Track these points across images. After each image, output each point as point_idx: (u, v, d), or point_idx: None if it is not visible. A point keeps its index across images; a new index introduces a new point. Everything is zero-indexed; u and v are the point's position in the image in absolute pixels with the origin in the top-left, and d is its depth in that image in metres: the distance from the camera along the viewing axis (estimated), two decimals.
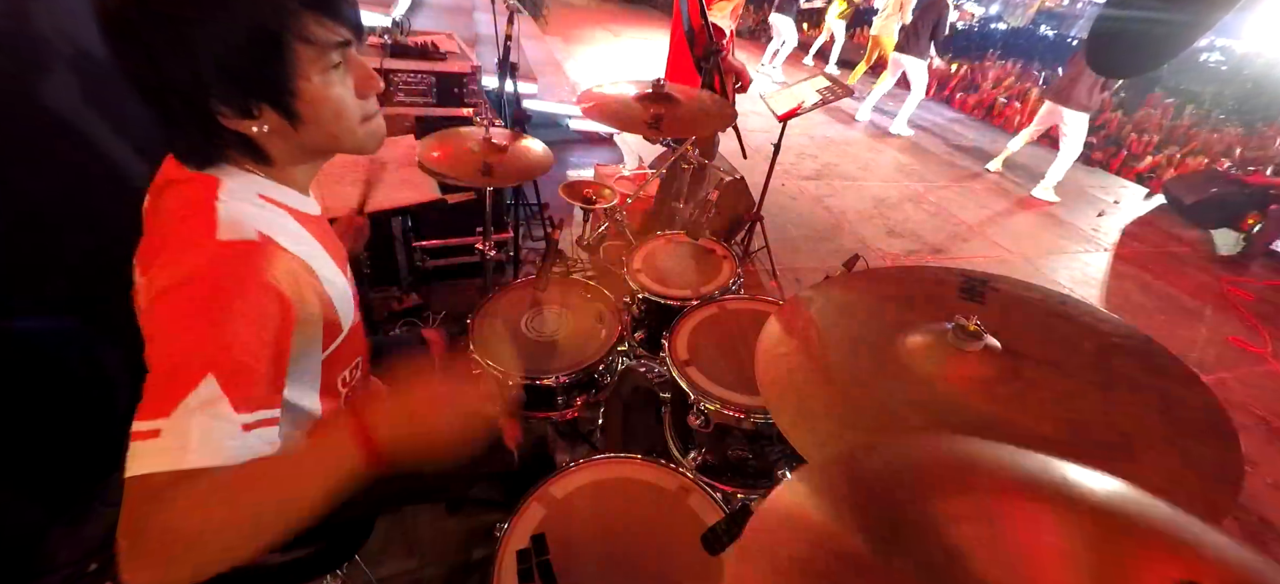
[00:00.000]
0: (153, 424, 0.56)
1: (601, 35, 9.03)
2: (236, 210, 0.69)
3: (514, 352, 1.41)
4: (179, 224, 0.68)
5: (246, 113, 0.68)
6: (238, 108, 0.67)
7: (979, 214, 4.66)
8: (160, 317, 0.62)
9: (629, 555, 0.97)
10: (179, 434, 0.56)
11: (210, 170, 0.72)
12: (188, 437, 0.56)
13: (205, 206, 0.67)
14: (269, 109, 0.69)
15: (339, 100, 0.72)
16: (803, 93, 2.47)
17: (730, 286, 1.67)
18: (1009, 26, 10.01)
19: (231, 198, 0.70)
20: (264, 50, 0.65)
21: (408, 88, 2.52)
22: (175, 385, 0.57)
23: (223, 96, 0.66)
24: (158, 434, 0.56)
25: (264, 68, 0.66)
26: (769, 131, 2.69)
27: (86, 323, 1.51)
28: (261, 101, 0.68)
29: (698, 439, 1.34)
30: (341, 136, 0.75)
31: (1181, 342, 3.33)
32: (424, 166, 1.67)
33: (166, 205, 0.72)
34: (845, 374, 0.80)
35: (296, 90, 0.69)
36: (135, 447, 0.56)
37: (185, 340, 0.60)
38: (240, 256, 0.65)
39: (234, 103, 0.67)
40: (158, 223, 0.73)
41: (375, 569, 1.49)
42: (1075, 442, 0.67)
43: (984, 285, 0.92)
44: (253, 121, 0.69)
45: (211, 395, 0.58)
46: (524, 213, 2.85)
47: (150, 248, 0.72)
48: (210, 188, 0.69)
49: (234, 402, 0.59)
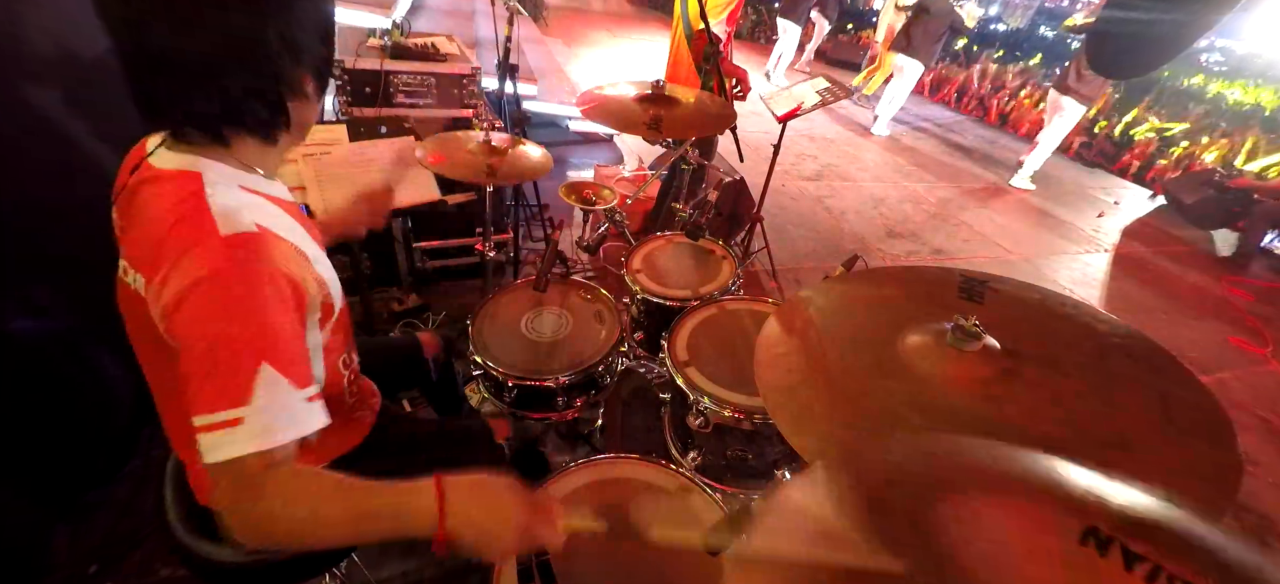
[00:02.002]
0: (231, 413, 0.62)
1: (602, 37, 9.03)
2: (227, 202, 0.70)
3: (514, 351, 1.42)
4: (175, 223, 0.68)
5: (318, 80, 0.77)
6: (315, 76, 0.76)
7: (978, 214, 4.67)
8: (192, 317, 0.64)
9: (629, 555, 0.97)
10: (262, 416, 0.63)
11: (186, 163, 0.72)
12: (271, 417, 0.63)
13: (196, 203, 0.69)
14: (313, 82, 0.77)
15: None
16: (802, 94, 2.47)
17: (730, 287, 1.67)
18: (1008, 27, 10.00)
19: (218, 191, 0.71)
20: (329, 39, 0.76)
21: (408, 89, 2.52)
22: (240, 376, 0.62)
23: (307, 64, 0.74)
24: (241, 421, 0.62)
25: (329, 52, 0.77)
26: (769, 132, 2.69)
27: (77, 325, 1.51)
28: (310, 77, 0.76)
29: (697, 439, 1.34)
30: (311, 118, 0.83)
31: (1181, 342, 3.32)
32: (424, 165, 1.67)
33: (150, 203, 0.72)
34: (845, 374, 0.80)
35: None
36: (217, 436, 0.61)
37: (230, 335, 0.63)
38: (250, 249, 0.68)
39: (312, 71, 0.75)
40: (143, 221, 0.73)
41: (375, 569, 1.49)
42: (1075, 442, 0.67)
43: (983, 286, 0.92)
44: (311, 92, 0.77)
45: (274, 379, 0.64)
46: (524, 213, 2.86)
47: (144, 247, 0.71)
48: (194, 182, 0.70)
49: (293, 381, 0.66)
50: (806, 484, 0.51)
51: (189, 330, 0.64)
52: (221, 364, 0.63)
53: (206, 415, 0.62)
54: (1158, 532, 0.39)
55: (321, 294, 0.81)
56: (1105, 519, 0.40)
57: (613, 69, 7.26)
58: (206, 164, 0.73)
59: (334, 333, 0.89)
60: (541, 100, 4.60)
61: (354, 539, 0.66)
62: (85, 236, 1.48)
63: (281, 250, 0.72)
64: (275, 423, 0.63)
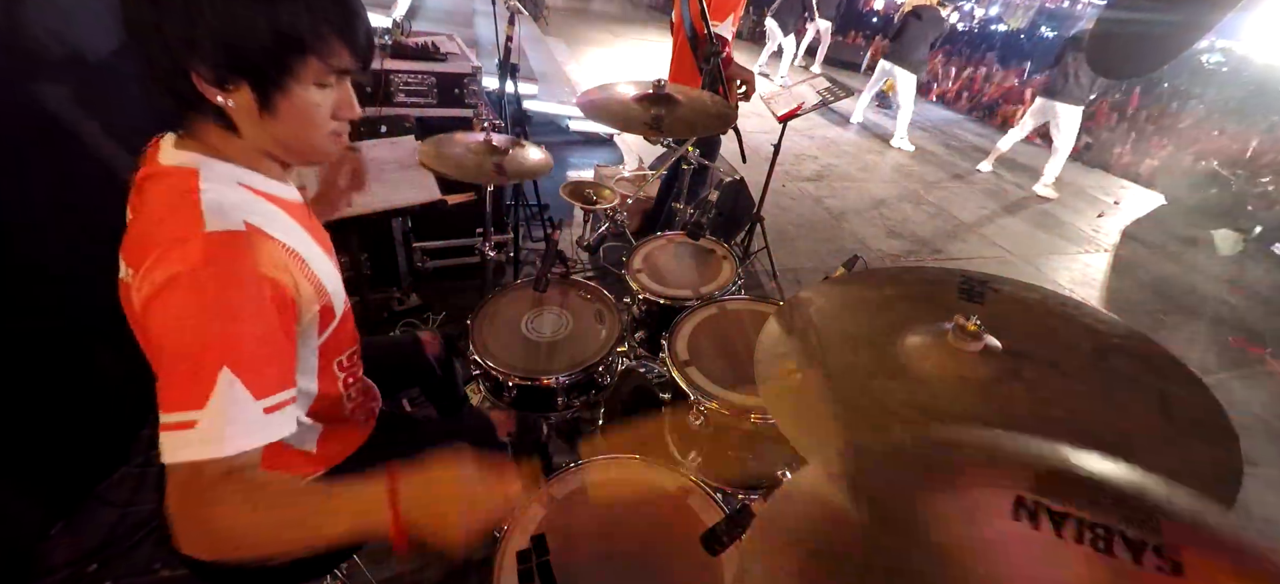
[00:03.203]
0: (187, 415, 0.61)
1: (602, 36, 9.04)
2: (219, 198, 0.70)
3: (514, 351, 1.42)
4: (165, 215, 0.69)
5: (221, 84, 0.68)
6: (216, 77, 0.67)
7: (978, 214, 4.67)
8: (164, 312, 0.64)
9: (629, 556, 0.97)
10: (214, 422, 0.62)
11: (187, 161, 0.72)
12: (222, 425, 0.62)
13: (188, 197, 0.68)
14: (248, 89, 0.69)
15: (315, 111, 0.74)
16: (803, 94, 2.47)
17: (730, 287, 1.67)
18: (1008, 28, 10.00)
19: (212, 187, 0.70)
20: (281, 46, 0.67)
21: (408, 88, 2.52)
22: (201, 379, 0.62)
23: (206, 62, 0.66)
24: (194, 425, 0.61)
25: (270, 59, 0.67)
26: (769, 133, 2.70)
27: (78, 324, 1.51)
28: (243, 81, 0.68)
29: (698, 439, 1.34)
30: (301, 140, 0.77)
31: (1182, 342, 3.33)
32: (425, 164, 1.68)
33: (149, 198, 0.73)
34: (845, 374, 0.80)
35: (286, 88, 0.70)
36: (172, 436, 0.61)
37: (197, 335, 0.63)
38: (231, 248, 0.67)
39: (215, 71, 0.67)
40: (142, 215, 0.73)
41: (375, 569, 1.49)
42: (1074, 442, 0.67)
43: (983, 286, 0.92)
44: (224, 93, 0.69)
45: (231, 383, 0.63)
46: (524, 213, 2.86)
47: (136, 240, 0.72)
48: (190, 178, 0.70)
49: (252, 389, 0.64)
50: (806, 482, 0.51)
51: (161, 326, 0.64)
52: (184, 364, 0.63)
53: (167, 414, 0.62)
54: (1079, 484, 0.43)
55: (320, 298, 0.81)
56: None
57: (613, 69, 7.26)
58: (206, 162, 0.73)
59: (334, 336, 0.89)
60: (541, 100, 4.60)
61: (316, 543, 0.63)
62: (85, 236, 1.49)
63: (267, 251, 0.71)
64: (227, 430, 0.62)
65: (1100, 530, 0.39)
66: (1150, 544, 0.38)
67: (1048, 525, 0.40)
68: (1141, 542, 0.38)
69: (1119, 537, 0.38)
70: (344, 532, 0.64)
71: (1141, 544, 0.38)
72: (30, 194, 1.36)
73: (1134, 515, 0.40)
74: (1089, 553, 0.38)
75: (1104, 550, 0.38)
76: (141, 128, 0.77)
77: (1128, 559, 0.37)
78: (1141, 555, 0.37)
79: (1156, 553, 0.37)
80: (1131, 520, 0.39)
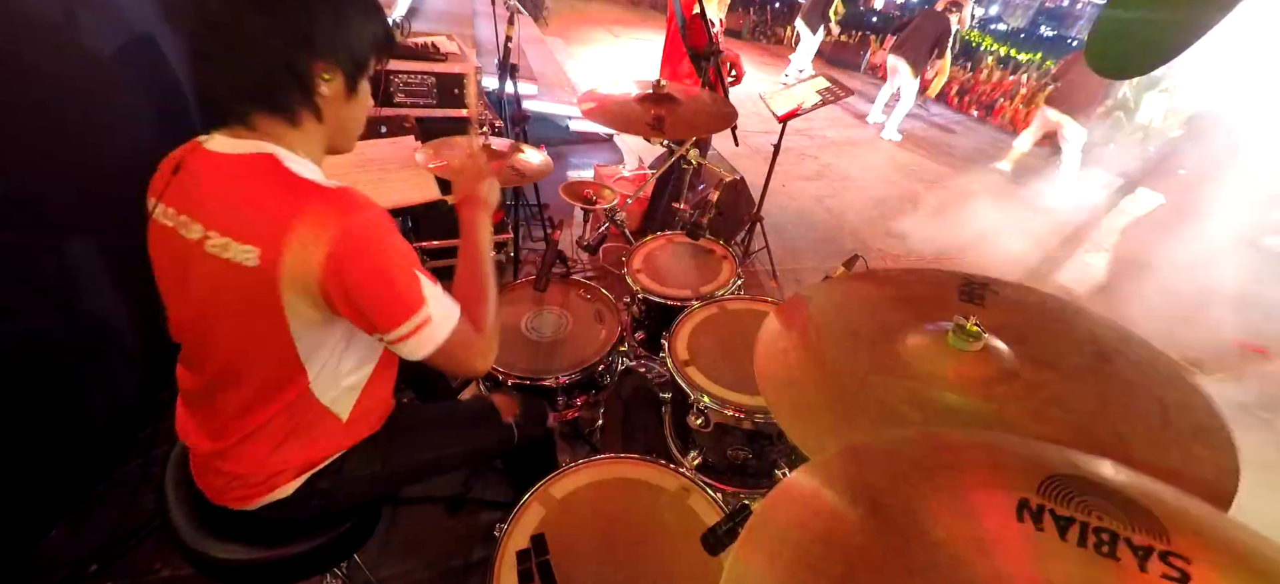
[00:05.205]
0: (419, 316, 0.81)
1: (602, 36, 9.03)
2: (308, 172, 0.80)
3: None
4: (271, 190, 0.77)
5: (327, 71, 0.82)
6: (324, 66, 0.81)
7: (978, 214, 4.66)
8: (352, 258, 0.75)
9: (629, 555, 0.97)
10: (436, 307, 0.83)
11: (254, 147, 0.80)
12: (440, 307, 0.84)
13: (285, 173, 0.78)
14: (341, 78, 0.83)
15: (367, 97, 0.91)
16: (803, 93, 2.47)
17: (730, 287, 1.67)
18: (1008, 27, 10.00)
19: (296, 162, 0.81)
20: (374, 47, 0.87)
21: (408, 88, 2.52)
22: (411, 291, 0.80)
23: (317, 56, 0.80)
24: (429, 320, 0.81)
25: (365, 55, 0.85)
26: (769, 132, 2.69)
27: (78, 324, 1.51)
28: (339, 70, 0.82)
29: (698, 439, 1.34)
30: (357, 122, 0.92)
31: (1182, 342, 3.32)
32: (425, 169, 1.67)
33: (228, 181, 0.79)
34: (845, 374, 0.80)
35: (361, 79, 0.87)
36: (418, 336, 0.81)
37: (390, 260, 0.79)
38: (355, 194, 0.79)
39: (323, 61, 0.80)
40: (232, 199, 0.78)
41: (375, 569, 1.49)
42: (1074, 442, 0.67)
43: (984, 287, 0.92)
44: (328, 76, 0.82)
45: (424, 281, 0.82)
46: (524, 213, 2.86)
47: (242, 221, 0.77)
48: (270, 160, 0.79)
49: (432, 280, 0.84)
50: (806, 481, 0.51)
51: (358, 270, 0.76)
52: (395, 285, 0.79)
53: (400, 326, 0.79)
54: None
55: None
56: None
57: (613, 69, 7.25)
58: (275, 148, 0.81)
59: None
60: (541, 100, 4.60)
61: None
62: (85, 236, 1.49)
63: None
64: (445, 305, 0.84)
65: (1105, 535, 0.39)
66: (1156, 550, 0.38)
67: (1052, 528, 0.40)
68: (1148, 548, 0.38)
69: (1124, 542, 0.38)
70: (488, 251, 1.09)
71: (1147, 550, 0.38)
72: (31, 193, 1.36)
73: (1139, 521, 0.40)
74: (1091, 556, 0.38)
75: (1108, 555, 0.38)
76: (144, 130, 0.77)
77: (1134, 563, 0.37)
78: (1147, 562, 0.37)
79: (1163, 560, 0.37)
80: (1137, 526, 0.39)
